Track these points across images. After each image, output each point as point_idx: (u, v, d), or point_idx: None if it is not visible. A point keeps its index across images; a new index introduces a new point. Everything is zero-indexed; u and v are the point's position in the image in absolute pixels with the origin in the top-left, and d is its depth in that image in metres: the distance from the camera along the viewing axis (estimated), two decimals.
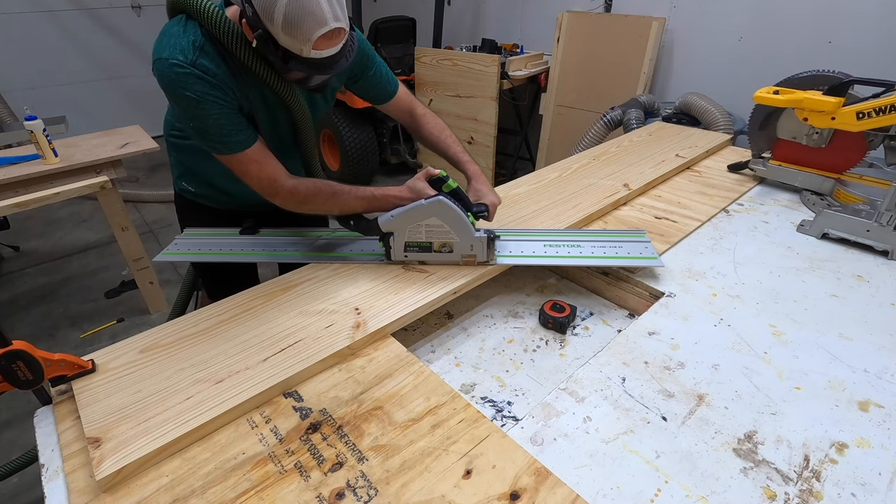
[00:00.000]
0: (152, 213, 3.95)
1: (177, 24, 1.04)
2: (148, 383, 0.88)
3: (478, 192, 1.26)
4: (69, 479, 0.75)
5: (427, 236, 1.16)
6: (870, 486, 0.74)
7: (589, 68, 3.53)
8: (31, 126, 2.20)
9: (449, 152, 1.37)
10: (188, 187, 1.40)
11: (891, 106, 1.31)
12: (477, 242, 1.15)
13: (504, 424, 0.88)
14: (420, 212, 1.12)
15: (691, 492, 0.73)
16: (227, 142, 1.06)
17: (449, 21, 4.37)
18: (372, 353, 0.98)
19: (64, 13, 4.64)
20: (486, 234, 1.15)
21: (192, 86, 0.99)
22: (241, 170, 1.11)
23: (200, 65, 0.99)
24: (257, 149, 1.09)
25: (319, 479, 0.74)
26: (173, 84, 1.00)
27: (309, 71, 1.01)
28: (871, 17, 2.55)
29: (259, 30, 0.95)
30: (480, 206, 1.21)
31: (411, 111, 1.41)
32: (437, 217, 1.13)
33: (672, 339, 1.02)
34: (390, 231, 1.16)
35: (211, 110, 1.02)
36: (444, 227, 1.14)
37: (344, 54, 1.02)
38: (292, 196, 1.15)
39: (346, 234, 1.31)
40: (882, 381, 0.92)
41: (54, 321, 2.71)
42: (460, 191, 1.16)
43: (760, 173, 1.69)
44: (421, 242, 1.17)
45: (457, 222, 1.13)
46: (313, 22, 0.92)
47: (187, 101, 1.00)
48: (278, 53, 0.97)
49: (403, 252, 1.18)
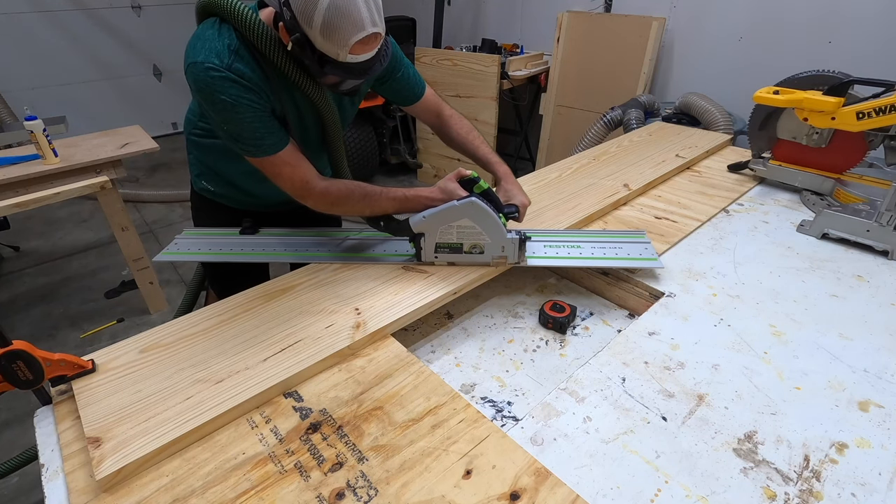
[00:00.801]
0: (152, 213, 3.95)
1: (210, 28, 1.03)
2: (148, 383, 0.88)
3: (508, 192, 1.26)
4: (69, 478, 0.75)
5: (458, 237, 1.15)
6: (870, 486, 0.74)
7: (589, 68, 3.53)
8: (31, 126, 2.20)
9: (478, 154, 1.37)
10: (208, 186, 1.39)
11: (891, 106, 1.31)
12: (508, 244, 1.15)
13: (504, 424, 0.88)
14: (452, 213, 1.12)
15: (691, 492, 0.73)
16: (260, 145, 1.06)
17: (449, 21, 4.37)
18: (372, 353, 0.98)
19: (64, 13, 4.64)
20: (517, 236, 1.14)
21: (227, 89, 0.99)
22: (273, 172, 1.11)
23: (236, 69, 1.00)
24: (290, 151, 1.10)
25: (319, 479, 0.74)
26: (209, 88, 1.00)
27: (344, 75, 1.02)
28: (871, 17, 2.55)
29: (297, 33, 0.95)
30: (511, 206, 1.20)
31: (439, 112, 1.40)
32: (469, 218, 1.12)
33: (672, 339, 1.02)
34: (421, 232, 1.16)
35: (245, 114, 1.02)
36: (476, 229, 1.14)
37: (378, 59, 1.02)
38: (324, 197, 1.15)
39: (372, 234, 1.31)
40: (882, 381, 0.92)
41: (54, 321, 2.71)
42: (491, 192, 1.15)
43: (760, 173, 1.69)
44: (452, 244, 1.16)
45: (489, 224, 1.13)
46: (352, 27, 0.92)
47: (222, 104, 1.00)
48: (314, 57, 0.97)
49: (434, 253, 1.18)
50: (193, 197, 1.48)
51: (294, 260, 1.26)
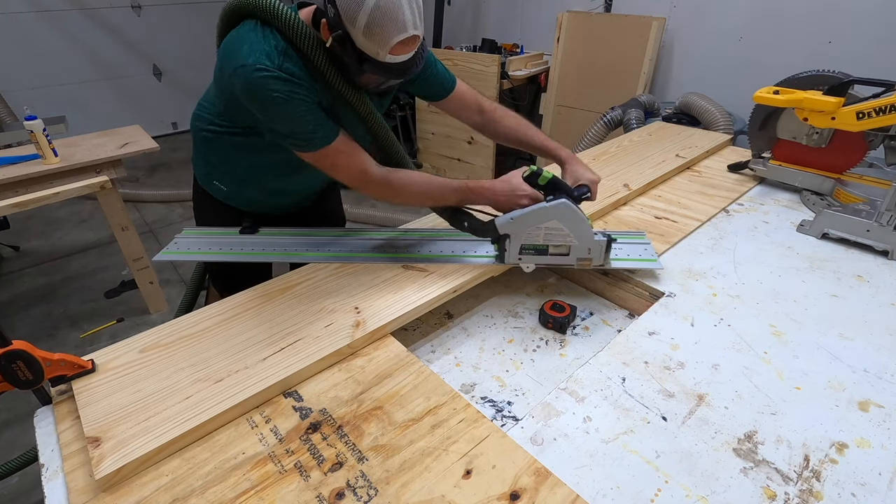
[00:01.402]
0: (152, 213, 3.94)
1: (253, 31, 1.04)
2: (148, 383, 0.88)
3: (575, 173, 1.24)
4: (69, 478, 0.75)
5: (545, 239, 1.13)
6: (870, 486, 0.74)
7: (589, 68, 3.53)
8: (31, 126, 2.20)
9: (534, 142, 1.34)
10: (220, 186, 1.37)
11: (891, 106, 1.31)
12: (595, 245, 1.12)
13: (504, 424, 0.88)
14: (541, 214, 1.10)
15: (691, 492, 0.73)
16: (313, 137, 1.06)
17: (449, 21, 4.37)
18: (372, 352, 0.98)
19: (63, 13, 4.64)
20: (605, 238, 1.12)
21: (279, 87, 1.00)
22: (329, 163, 1.11)
23: (286, 69, 1.01)
24: (343, 140, 1.10)
25: (319, 479, 0.74)
26: (261, 87, 1.00)
27: (383, 74, 1.02)
28: (871, 17, 2.55)
29: (339, 31, 0.96)
30: (581, 188, 1.17)
31: (480, 108, 1.36)
32: (557, 220, 1.10)
33: (672, 339, 1.02)
34: (507, 233, 1.14)
35: (298, 108, 1.03)
36: (563, 231, 1.11)
37: (415, 60, 1.03)
38: (386, 186, 1.14)
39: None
40: (882, 381, 0.92)
41: (54, 321, 2.71)
42: (557, 179, 1.12)
43: (760, 173, 1.69)
44: (538, 245, 1.14)
45: (578, 225, 1.10)
46: (395, 28, 0.93)
47: (274, 101, 1.01)
48: (354, 55, 0.98)
49: (518, 255, 1.16)
50: (198, 196, 1.46)
51: (294, 260, 1.26)
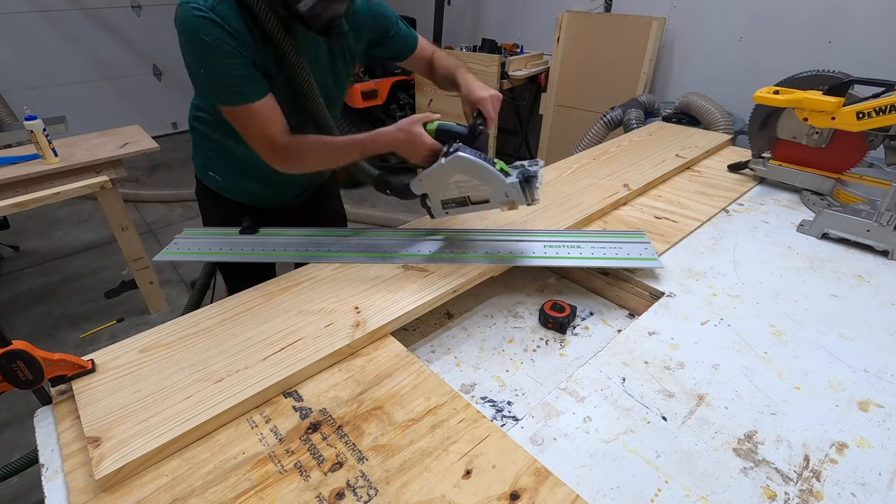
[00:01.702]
0: (152, 213, 3.95)
1: None
2: (148, 383, 0.88)
3: (469, 96, 1.19)
4: (69, 478, 0.75)
5: (460, 191, 1.13)
6: (870, 486, 0.74)
7: (589, 68, 3.53)
8: (31, 126, 2.20)
9: (457, 79, 1.30)
10: (215, 176, 1.38)
11: (891, 106, 1.31)
12: (511, 189, 1.08)
13: (504, 424, 0.88)
14: (442, 171, 1.10)
15: (691, 492, 0.73)
16: (237, 91, 1.05)
17: (449, 21, 4.37)
18: (372, 352, 0.98)
19: (63, 13, 4.64)
20: (518, 178, 1.06)
21: (209, 31, 0.99)
22: (243, 124, 1.10)
23: (219, 11, 1.00)
24: (266, 103, 1.08)
25: (319, 479, 0.74)
26: (191, 28, 1.00)
27: None
28: (871, 17, 2.55)
29: None
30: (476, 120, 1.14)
31: (430, 60, 1.39)
32: (461, 173, 1.09)
33: (672, 339, 1.02)
34: (424, 192, 1.16)
35: (225, 57, 1.02)
36: (473, 181, 1.10)
37: None
38: (290, 154, 1.12)
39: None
40: (882, 381, 0.92)
41: (54, 321, 2.71)
42: (446, 125, 1.11)
43: (760, 173, 1.69)
44: (456, 198, 1.15)
45: (483, 173, 1.07)
46: None
47: (202, 45, 1.00)
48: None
49: (443, 210, 1.17)
50: (199, 190, 1.48)
51: (294, 260, 1.26)
